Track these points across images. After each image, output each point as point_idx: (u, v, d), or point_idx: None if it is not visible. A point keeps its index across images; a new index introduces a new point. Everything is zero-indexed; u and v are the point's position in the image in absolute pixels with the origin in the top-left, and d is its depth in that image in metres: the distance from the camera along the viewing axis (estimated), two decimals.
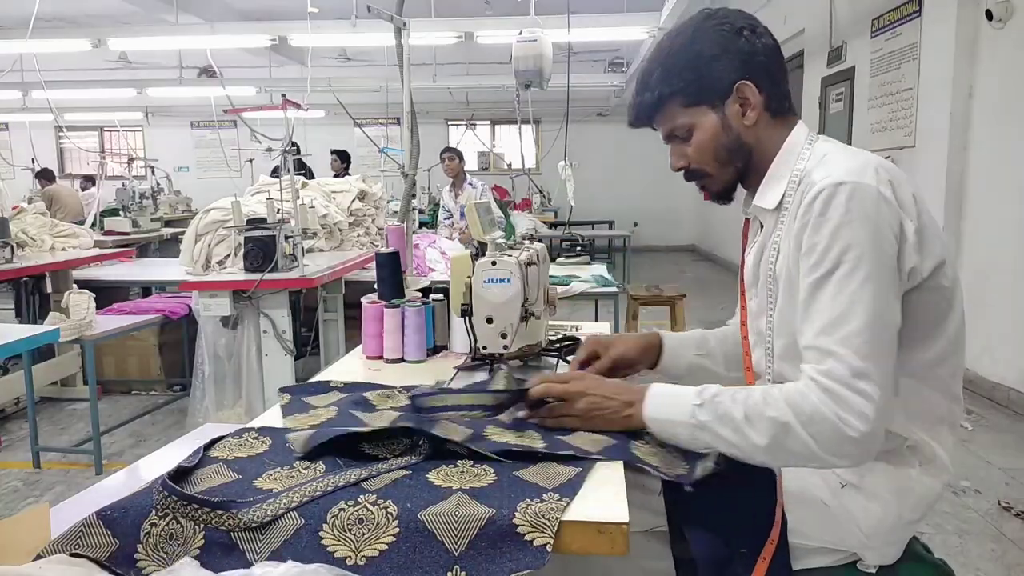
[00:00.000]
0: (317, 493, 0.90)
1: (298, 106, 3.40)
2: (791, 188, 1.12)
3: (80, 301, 3.18)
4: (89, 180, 9.40)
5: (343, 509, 0.87)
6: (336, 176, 7.06)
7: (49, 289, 4.05)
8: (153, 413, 4.00)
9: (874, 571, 1.10)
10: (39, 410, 3.84)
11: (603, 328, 2.04)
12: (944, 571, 1.15)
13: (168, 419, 3.92)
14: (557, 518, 0.85)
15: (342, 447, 1.04)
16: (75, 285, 3.78)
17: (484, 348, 1.45)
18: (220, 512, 0.85)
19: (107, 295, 3.95)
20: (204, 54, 6.80)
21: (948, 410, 1.12)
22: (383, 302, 1.77)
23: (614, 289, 3.59)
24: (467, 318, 1.45)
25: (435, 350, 1.75)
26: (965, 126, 4.32)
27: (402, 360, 1.70)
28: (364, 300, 1.81)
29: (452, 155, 5.95)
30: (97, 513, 0.85)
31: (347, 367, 1.72)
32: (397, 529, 0.85)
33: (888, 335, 0.99)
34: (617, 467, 1.02)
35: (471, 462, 1.01)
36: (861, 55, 5.60)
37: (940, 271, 1.06)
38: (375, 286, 1.96)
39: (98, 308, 3.32)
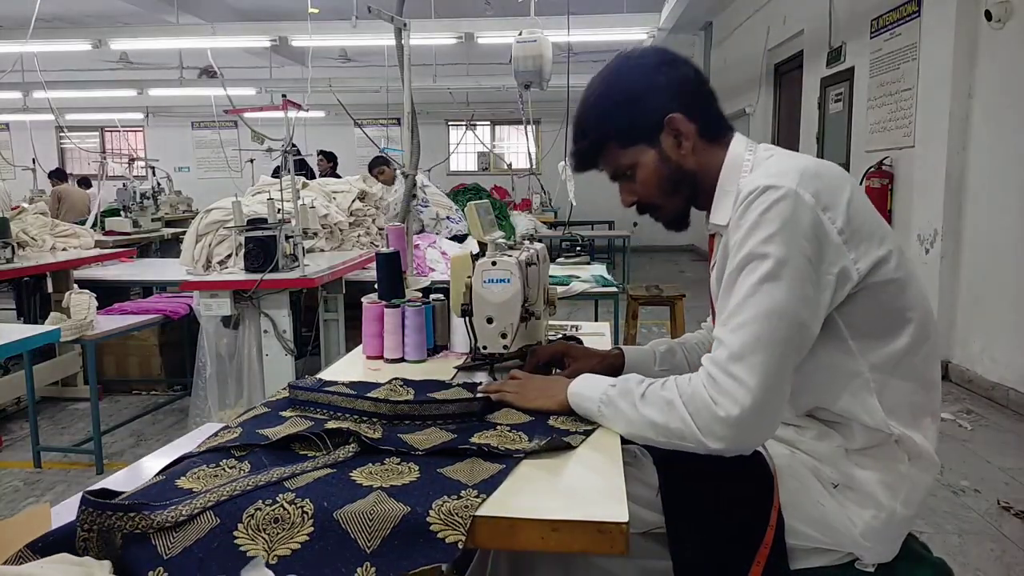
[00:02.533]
0: (236, 493, 0.90)
1: (298, 106, 3.41)
2: (738, 200, 1.13)
3: (81, 301, 3.19)
4: (84, 182, 9.43)
5: (259, 509, 0.88)
6: (323, 176, 7.07)
7: (50, 289, 4.06)
8: (154, 413, 4.01)
9: (872, 570, 1.10)
10: (40, 410, 3.85)
11: (603, 328, 2.04)
12: (943, 570, 1.16)
13: (169, 419, 3.93)
14: (470, 515, 0.86)
15: (270, 445, 1.08)
16: (76, 285, 3.79)
17: (484, 348, 1.45)
18: (132, 515, 0.85)
19: (108, 295, 3.95)
20: (205, 54, 6.80)
21: (927, 399, 1.12)
22: (383, 302, 1.77)
23: (614, 289, 3.59)
24: (467, 318, 1.45)
25: (435, 350, 1.76)
26: (965, 126, 4.33)
27: (402, 360, 1.70)
28: (364, 300, 1.82)
29: (382, 168, 6.00)
30: (27, 546, 0.86)
31: (347, 367, 1.72)
32: (312, 528, 0.86)
33: (782, 331, 1.01)
34: (617, 468, 1.02)
35: (398, 459, 1.02)
36: (861, 55, 5.60)
37: (883, 266, 1.06)
38: (375, 286, 1.96)
39: (99, 308, 3.33)
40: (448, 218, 4.82)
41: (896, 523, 1.09)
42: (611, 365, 1.42)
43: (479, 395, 1.28)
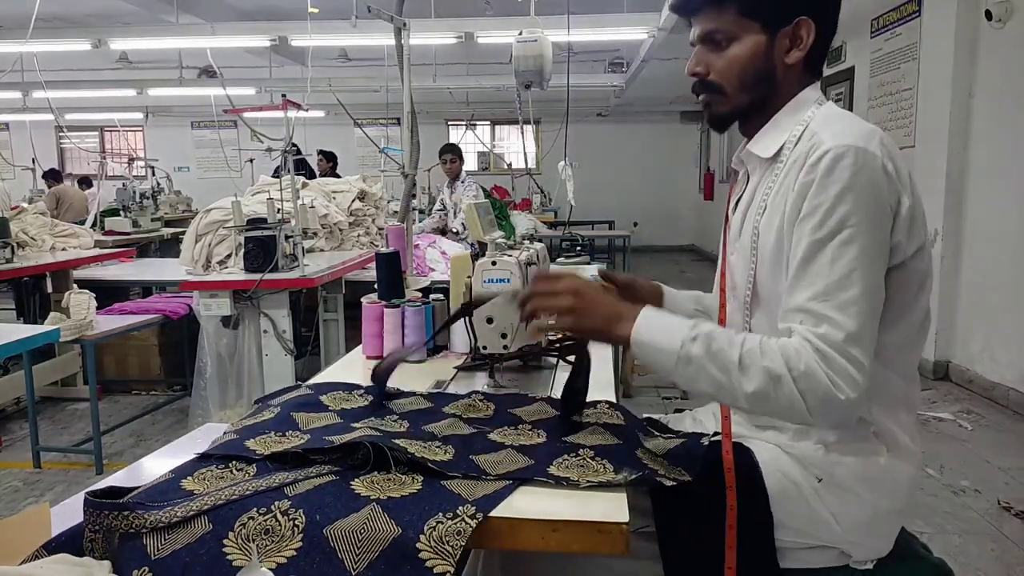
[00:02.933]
0: (233, 497, 0.89)
1: (298, 106, 3.41)
2: (790, 141, 1.11)
3: (80, 301, 3.18)
4: (85, 181, 9.42)
5: (252, 518, 0.87)
6: (323, 175, 7.07)
7: (50, 289, 4.06)
8: (153, 413, 4.01)
9: (870, 568, 1.10)
10: (39, 410, 3.85)
11: None
12: (943, 570, 1.15)
13: (168, 419, 3.93)
14: (460, 545, 0.84)
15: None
16: (75, 285, 3.78)
17: (484, 348, 1.45)
18: (127, 513, 0.85)
19: (107, 295, 3.95)
20: (204, 54, 6.79)
21: (905, 392, 1.12)
22: (383, 302, 1.77)
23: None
24: (467, 318, 1.45)
25: (435, 350, 1.76)
26: (965, 126, 4.33)
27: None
28: (364, 300, 1.82)
29: (454, 156, 5.91)
30: (43, 546, 0.86)
31: (347, 367, 1.72)
32: (300, 543, 0.85)
33: (878, 306, 1.01)
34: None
35: (405, 468, 0.99)
36: (861, 55, 5.60)
37: (921, 253, 1.06)
38: (375, 286, 1.96)
39: (98, 308, 3.33)
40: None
41: (882, 517, 1.08)
42: (654, 290, 1.41)
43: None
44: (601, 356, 1.56)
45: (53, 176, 8.53)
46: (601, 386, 1.37)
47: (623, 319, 1.08)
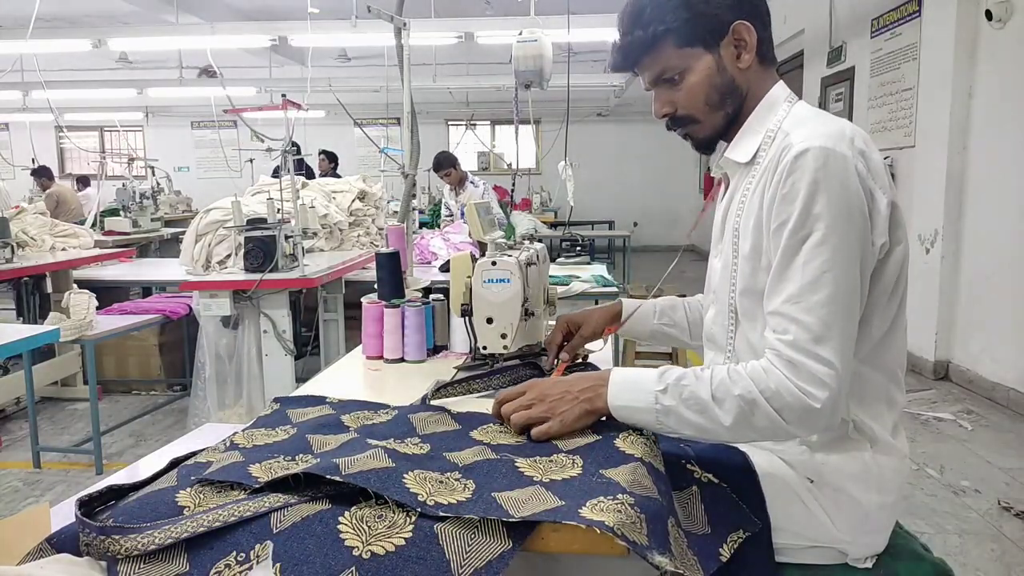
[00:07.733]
0: (216, 525, 0.83)
1: (298, 106, 3.41)
2: (765, 142, 1.11)
3: (80, 301, 3.18)
4: (82, 181, 9.41)
5: (229, 566, 0.80)
6: (324, 175, 7.08)
7: (49, 289, 4.06)
8: (153, 413, 4.01)
9: (869, 566, 1.10)
10: (39, 410, 3.85)
11: None
12: (943, 570, 1.15)
13: (168, 419, 3.93)
14: None
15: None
16: (75, 285, 3.79)
17: (484, 348, 1.45)
18: (102, 538, 0.82)
19: (107, 295, 3.96)
20: (204, 54, 6.79)
21: (887, 389, 1.12)
22: (383, 302, 1.77)
23: (614, 289, 3.59)
24: (467, 318, 1.45)
25: (435, 350, 1.76)
26: (965, 126, 4.33)
27: (402, 360, 1.70)
28: (364, 300, 1.82)
29: (449, 168, 5.88)
30: (46, 539, 0.85)
31: (347, 367, 1.72)
32: None
33: (852, 306, 1.01)
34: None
35: (399, 509, 0.87)
36: (861, 55, 5.60)
37: (898, 251, 1.07)
38: (375, 286, 1.96)
39: (98, 308, 3.33)
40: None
41: (874, 512, 1.08)
42: (613, 314, 1.46)
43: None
44: (599, 357, 1.57)
45: (44, 174, 8.24)
46: None
47: (596, 393, 1.07)
